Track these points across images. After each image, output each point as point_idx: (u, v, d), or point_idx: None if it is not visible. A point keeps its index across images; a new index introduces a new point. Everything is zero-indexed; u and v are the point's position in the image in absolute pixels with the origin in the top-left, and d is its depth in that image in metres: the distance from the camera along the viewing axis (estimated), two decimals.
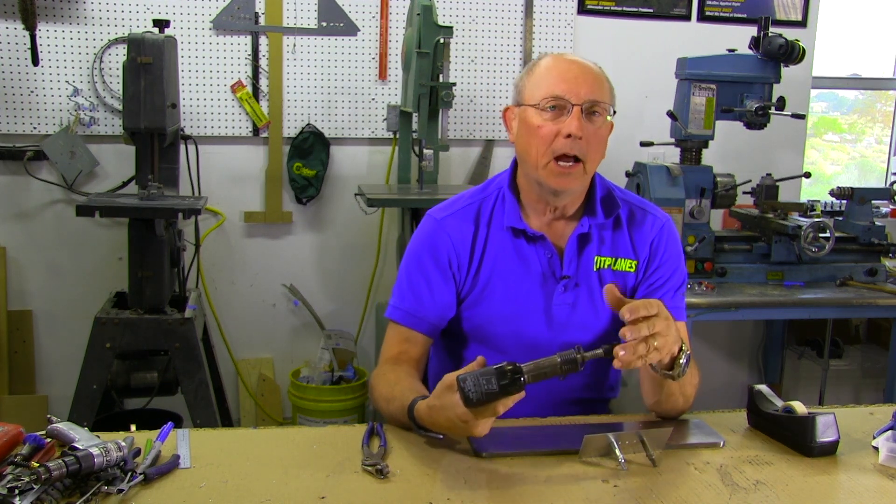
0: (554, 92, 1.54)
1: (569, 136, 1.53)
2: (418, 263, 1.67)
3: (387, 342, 1.69)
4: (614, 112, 1.61)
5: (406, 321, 1.66)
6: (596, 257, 1.67)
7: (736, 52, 3.01)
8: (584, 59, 1.61)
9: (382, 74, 3.40)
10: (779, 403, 1.50)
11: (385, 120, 3.37)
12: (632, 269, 1.68)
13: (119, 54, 3.15)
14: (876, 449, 1.44)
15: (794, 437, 1.44)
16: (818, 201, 3.65)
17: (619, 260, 1.68)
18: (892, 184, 3.44)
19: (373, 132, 3.44)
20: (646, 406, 1.61)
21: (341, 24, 3.34)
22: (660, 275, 1.68)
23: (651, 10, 3.57)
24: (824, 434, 1.41)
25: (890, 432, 1.44)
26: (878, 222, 3.11)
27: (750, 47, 3.00)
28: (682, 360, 1.42)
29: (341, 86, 3.38)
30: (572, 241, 1.65)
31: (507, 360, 1.66)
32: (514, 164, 1.70)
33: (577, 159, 1.55)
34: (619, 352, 1.32)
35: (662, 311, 1.36)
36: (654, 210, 1.74)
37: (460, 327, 1.71)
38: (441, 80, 2.94)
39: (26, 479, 1.14)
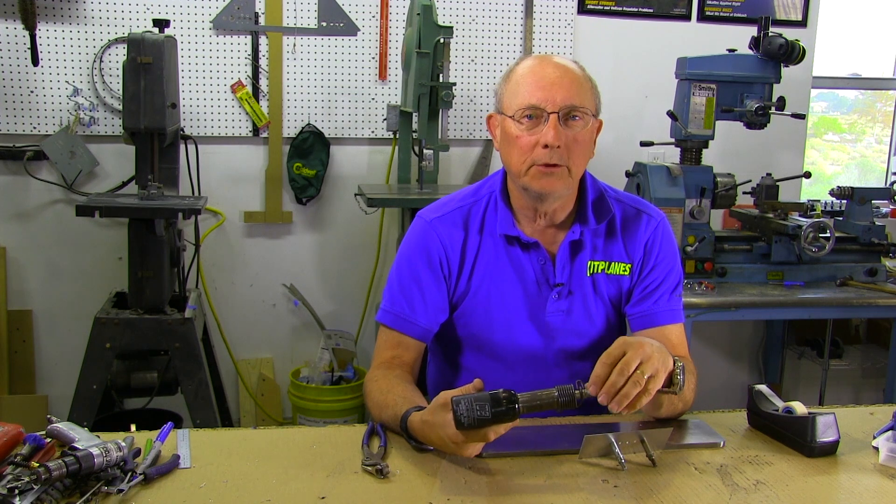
0: (529, 101, 1.51)
1: (546, 146, 1.50)
2: (410, 266, 1.65)
3: (379, 346, 1.67)
4: (598, 113, 1.57)
5: (397, 325, 1.64)
6: (589, 262, 1.65)
7: (736, 52, 3.01)
8: (563, 60, 1.56)
9: (382, 74, 3.40)
10: (779, 403, 1.50)
11: (385, 120, 3.37)
12: (626, 273, 1.67)
13: (119, 54, 3.15)
14: (876, 449, 1.43)
15: (794, 437, 1.44)
16: (818, 201, 3.65)
17: (612, 264, 1.66)
18: (892, 184, 3.44)
19: (373, 132, 3.44)
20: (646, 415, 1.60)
21: (341, 24, 3.34)
22: (654, 276, 1.67)
23: (651, 10, 3.57)
24: (824, 434, 1.41)
25: (890, 432, 1.44)
26: (878, 222, 3.11)
27: (750, 47, 3.00)
28: (679, 375, 1.38)
29: (341, 86, 3.38)
30: (564, 248, 1.64)
31: (504, 368, 1.67)
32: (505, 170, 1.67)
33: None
34: (613, 406, 1.30)
35: (632, 349, 1.31)
36: (647, 208, 1.71)
37: (455, 334, 1.70)
38: (441, 80, 2.94)
39: (26, 479, 1.14)
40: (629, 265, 1.67)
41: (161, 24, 2.77)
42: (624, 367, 1.29)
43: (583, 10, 3.52)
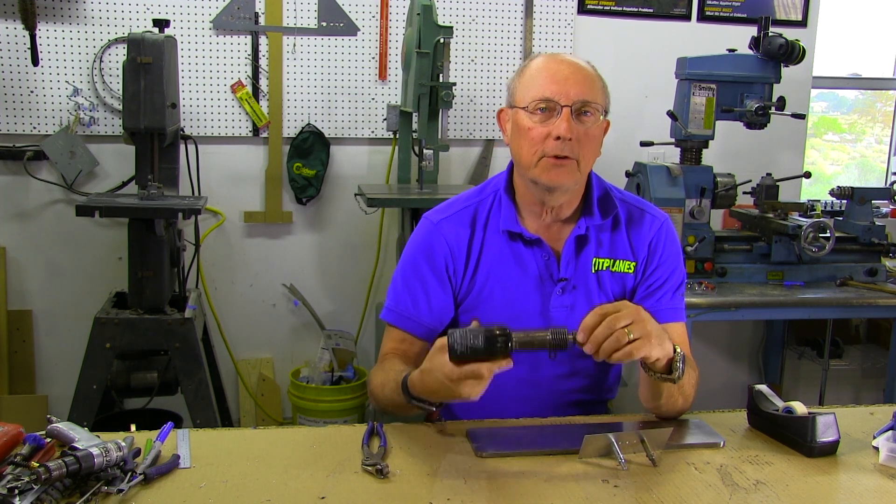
0: (543, 94, 1.54)
1: (558, 137, 1.52)
2: (415, 267, 1.66)
3: (384, 344, 1.69)
4: (607, 112, 1.60)
5: (402, 324, 1.66)
6: (594, 259, 1.66)
7: (736, 52, 3.01)
8: (575, 59, 1.60)
9: (382, 74, 3.40)
10: (779, 403, 1.50)
11: (385, 120, 3.37)
12: (630, 271, 1.68)
13: (119, 54, 3.15)
14: (876, 449, 1.44)
15: (794, 437, 1.44)
16: (818, 201, 3.65)
17: (617, 261, 1.67)
18: (892, 184, 3.44)
19: (373, 132, 3.44)
20: (646, 409, 1.61)
21: (341, 24, 3.34)
22: (658, 275, 1.68)
23: (651, 10, 3.57)
24: (824, 434, 1.41)
25: (890, 432, 1.44)
26: (878, 222, 3.12)
27: (750, 47, 3.00)
28: (679, 363, 1.41)
29: (341, 86, 3.38)
30: (569, 244, 1.65)
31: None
32: (511, 167, 1.69)
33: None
34: (596, 357, 1.33)
35: (628, 308, 1.35)
36: (652, 210, 1.73)
37: None
38: (441, 80, 2.94)
39: (26, 479, 1.14)
40: (634, 263, 1.68)
41: (161, 24, 2.76)
42: (613, 321, 1.33)
43: (583, 10, 3.52)
